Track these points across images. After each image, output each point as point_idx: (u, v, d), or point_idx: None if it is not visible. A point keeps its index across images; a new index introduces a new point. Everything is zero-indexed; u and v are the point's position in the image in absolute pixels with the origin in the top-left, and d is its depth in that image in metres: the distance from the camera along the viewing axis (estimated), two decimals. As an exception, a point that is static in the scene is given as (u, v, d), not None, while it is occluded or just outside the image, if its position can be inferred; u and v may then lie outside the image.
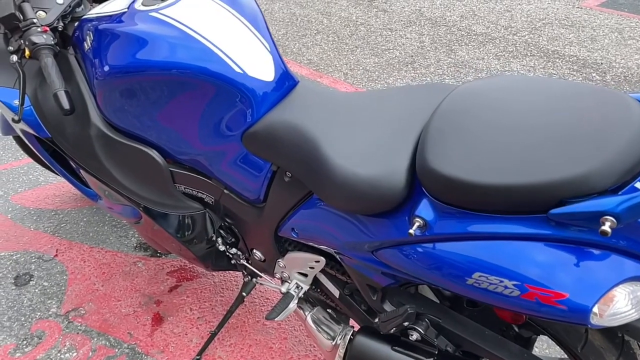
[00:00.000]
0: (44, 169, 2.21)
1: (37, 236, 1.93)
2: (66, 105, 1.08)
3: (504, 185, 0.71)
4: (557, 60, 3.38)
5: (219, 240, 1.34)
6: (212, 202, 1.27)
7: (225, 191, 1.21)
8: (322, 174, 0.94)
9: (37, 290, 1.71)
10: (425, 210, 0.81)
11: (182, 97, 1.07)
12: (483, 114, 0.82)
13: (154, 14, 1.09)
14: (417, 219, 0.80)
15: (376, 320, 1.03)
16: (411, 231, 0.79)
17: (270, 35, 1.16)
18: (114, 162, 1.24)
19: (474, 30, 3.87)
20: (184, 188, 1.27)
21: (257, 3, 1.21)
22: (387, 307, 1.03)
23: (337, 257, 1.06)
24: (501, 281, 0.71)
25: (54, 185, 2.19)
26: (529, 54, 3.47)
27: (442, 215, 0.79)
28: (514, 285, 0.71)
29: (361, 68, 3.33)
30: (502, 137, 0.77)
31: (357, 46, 3.66)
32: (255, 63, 1.08)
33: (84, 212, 2.05)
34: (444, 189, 0.78)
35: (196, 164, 1.20)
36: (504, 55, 3.47)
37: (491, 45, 3.63)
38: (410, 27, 3.97)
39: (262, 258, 1.28)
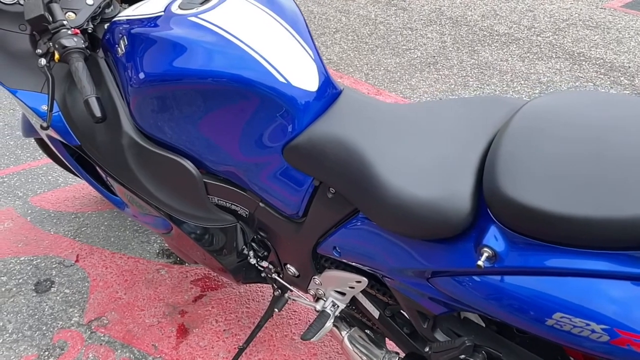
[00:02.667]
0: (63, 169, 2.15)
1: (58, 240, 1.88)
2: (98, 112, 1.02)
3: (596, 219, 0.64)
4: (584, 62, 3.30)
5: (251, 253, 1.29)
6: (246, 214, 1.21)
7: (261, 204, 1.16)
8: (373, 192, 0.88)
9: (58, 298, 1.66)
10: (494, 239, 0.75)
11: (222, 107, 1.01)
12: (562, 135, 0.75)
13: (192, 18, 1.03)
14: (486, 249, 0.74)
15: (426, 349, 0.97)
16: (480, 263, 0.73)
17: (313, 41, 1.10)
18: (145, 172, 1.18)
19: (496, 31, 3.79)
20: (217, 200, 1.21)
21: (297, 5, 1.15)
22: (438, 335, 0.97)
23: (382, 278, 1.00)
24: (587, 324, 0.65)
25: (73, 187, 2.14)
26: (554, 56, 3.38)
27: (514, 247, 0.73)
28: (602, 329, 0.64)
29: (382, 68, 3.26)
30: (587, 162, 0.70)
31: (377, 45, 3.58)
32: (299, 72, 1.02)
33: (104, 215, 2.00)
34: (519, 218, 0.71)
35: (232, 175, 1.14)
36: (528, 56, 3.38)
37: (515, 46, 3.54)
38: (431, 26, 3.88)
39: (296, 274, 1.23)
